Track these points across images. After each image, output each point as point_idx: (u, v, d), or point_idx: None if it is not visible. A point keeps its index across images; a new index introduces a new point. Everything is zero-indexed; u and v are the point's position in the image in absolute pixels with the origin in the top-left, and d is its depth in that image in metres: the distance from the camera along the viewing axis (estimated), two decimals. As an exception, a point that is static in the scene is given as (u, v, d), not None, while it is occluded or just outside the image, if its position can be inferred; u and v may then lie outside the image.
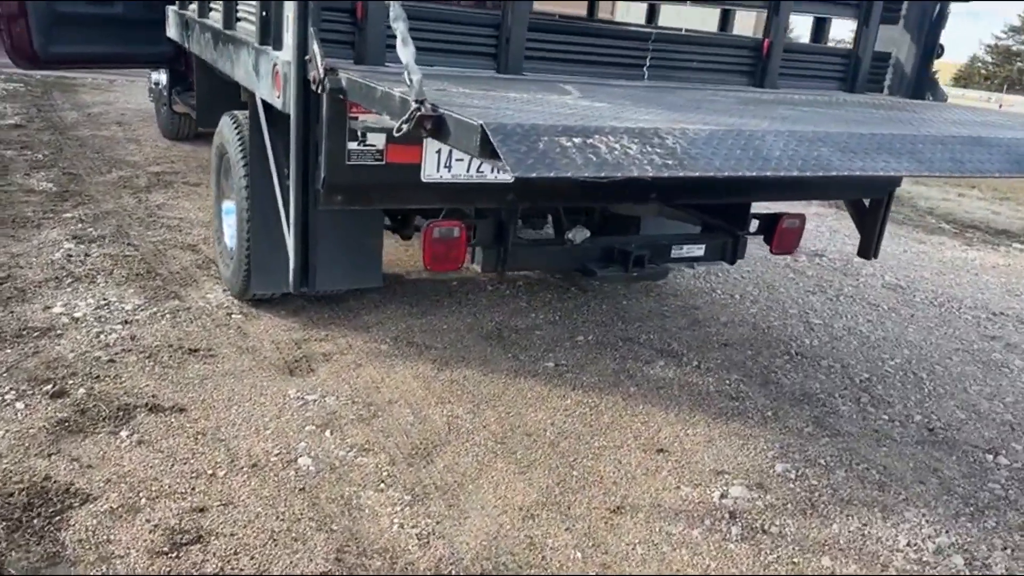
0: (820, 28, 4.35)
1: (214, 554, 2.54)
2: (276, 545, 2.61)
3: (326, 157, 2.80)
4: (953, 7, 3.81)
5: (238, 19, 3.76)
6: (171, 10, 5.38)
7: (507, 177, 3.05)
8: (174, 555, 2.52)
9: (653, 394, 3.87)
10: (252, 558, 2.54)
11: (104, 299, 4.25)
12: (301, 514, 2.76)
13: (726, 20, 5.21)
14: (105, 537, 2.57)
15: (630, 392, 3.87)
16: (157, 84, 7.90)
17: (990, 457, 3.68)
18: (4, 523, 2.56)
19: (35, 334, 3.81)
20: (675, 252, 3.76)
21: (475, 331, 4.34)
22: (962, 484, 3.42)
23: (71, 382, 3.42)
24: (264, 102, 3.28)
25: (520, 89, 2.70)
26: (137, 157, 7.41)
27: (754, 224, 3.99)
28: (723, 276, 5.80)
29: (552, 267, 4.66)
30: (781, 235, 3.93)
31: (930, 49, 3.91)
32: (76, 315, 4.04)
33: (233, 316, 4.22)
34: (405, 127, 1.95)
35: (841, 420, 3.85)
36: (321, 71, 2.59)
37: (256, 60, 3.25)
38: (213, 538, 2.60)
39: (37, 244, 4.93)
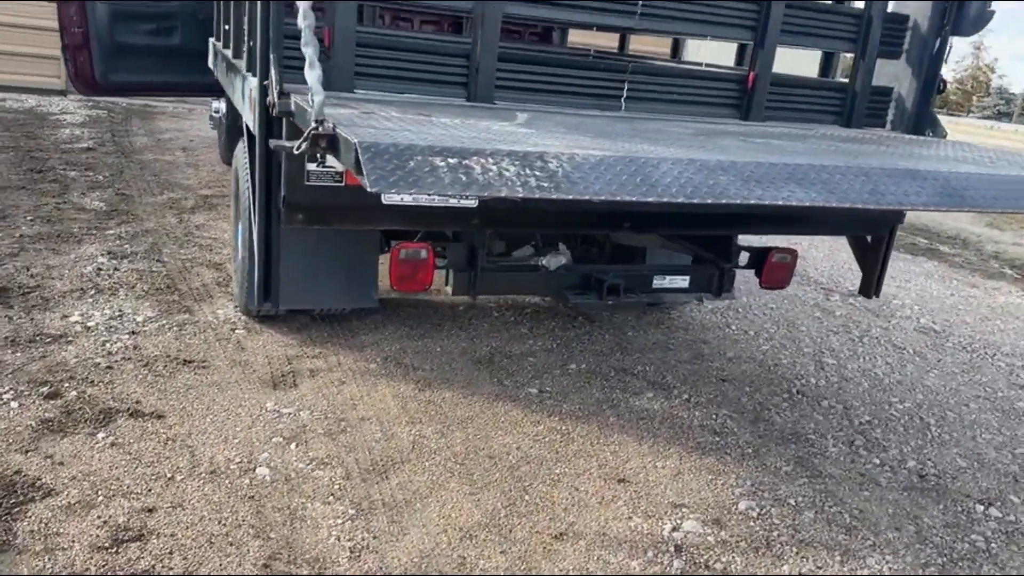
0: (828, 62, 4.28)
1: (149, 552, 2.64)
2: (211, 548, 2.70)
3: (285, 177, 2.93)
4: None
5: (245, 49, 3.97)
6: (211, 41, 5.70)
7: (470, 202, 3.13)
8: (113, 550, 2.64)
9: (631, 425, 3.84)
10: (184, 558, 2.64)
11: (119, 310, 4.48)
12: (243, 520, 2.85)
13: (742, 55, 5.17)
14: (55, 530, 2.71)
15: (608, 422, 3.84)
16: (217, 112, 8.29)
17: (981, 508, 3.51)
18: (-35, 511, 2.73)
19: (47, 340, 4.05)
20: (656, 282, 3.74)
21: (467, 355, 4.39)
22: (941, 534, 3.27)
23: (66, 385, 3.62)
24: (247, 126, 3.45)
25: (460, 115, 2.77)
26: (191, 181, 7.79)
27: (745, 257, 3.93)
28: (742, 312, 5.70)
29: (525, 292, 4.71)
30: (770, 269, 3.86)
31: (930, 84, 3.80)
32: (89, 324, 4.28)
33: (236, 331, 4.39)
34: (304, 145, 2.04)
35: (827, 462, 3.73)
36: (275, 94, 2.72)
37: (243, 86, 3.42)
38: (153, 537, 2.72)
39: (74, 258, 5.24)
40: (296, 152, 2.08)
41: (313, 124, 2.04)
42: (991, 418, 4.43)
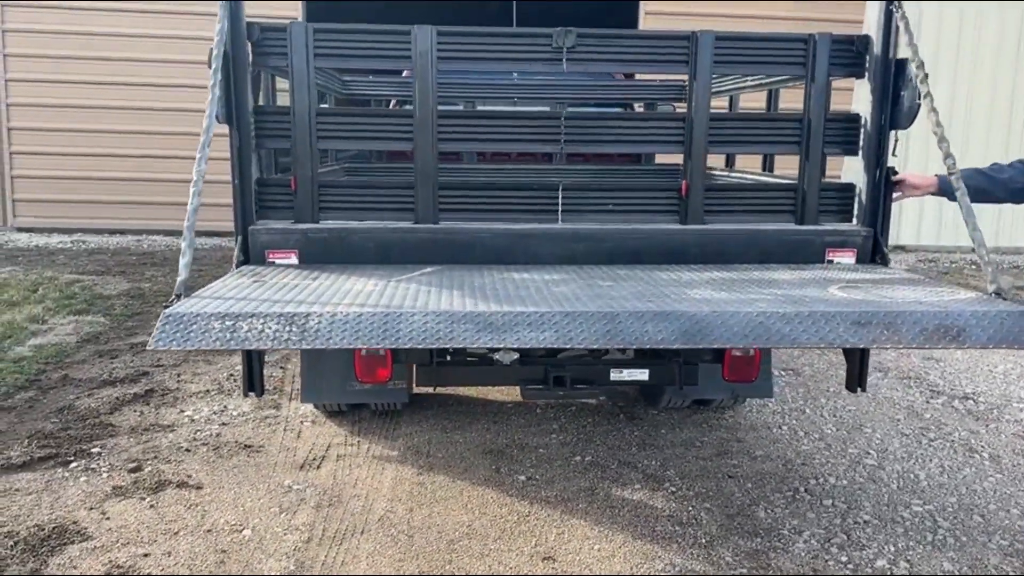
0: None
1: (125, 584, 3.42)
2: (169, 585, 3.42)
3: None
4: None
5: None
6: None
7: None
8: (102, 581, 3.45)
9: (597, 512, 4.06)
10: (145, 590, 3.38)
11: (224, 407, 5.52)
12: (205, 567, 3.55)
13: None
14: (74, 565, 3.57)
15: (575, 508, 4.11)
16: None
17: (930, 611, 3.32)
18: (23, 546, 3.69)
19: (157, 429, 5.13)
20: (614, 375, 4.02)
21: (483, 446, 4.85)
22: (858, 631, 3.17)
23: (148, 462, 4.61)
24: None
25: (357, 273, 3.41)
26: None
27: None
28: (809, 412, 5.59)
29: (484, 384, 5.23)
30: (731, 363, 3.98)
31: (878, 181, 3.83)
32: (195, 417, 5.33)
33: (304, 423, 5.23)
34: (164, 310, 2.80)
35: (783, 556, 3.70)
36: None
37: None
38: (134, 573, 3.49)
39: (219, 367, 6.46)
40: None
41: (173, 296, 2.83)
42: (1028, 525, 4.05)
